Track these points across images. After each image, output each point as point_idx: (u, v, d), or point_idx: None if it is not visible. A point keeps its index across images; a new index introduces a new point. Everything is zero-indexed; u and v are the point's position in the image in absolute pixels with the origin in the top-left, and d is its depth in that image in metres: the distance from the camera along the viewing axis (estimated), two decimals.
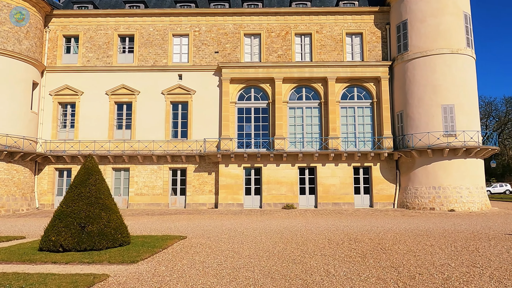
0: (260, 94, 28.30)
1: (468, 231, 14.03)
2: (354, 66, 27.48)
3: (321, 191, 26.82)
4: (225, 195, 26.74)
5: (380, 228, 15.15)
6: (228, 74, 27.58)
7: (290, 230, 14.53)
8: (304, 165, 27.13)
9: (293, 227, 15.37)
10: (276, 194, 26.79)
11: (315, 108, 28.17)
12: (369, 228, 15.18)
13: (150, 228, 15.43)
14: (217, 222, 17.68)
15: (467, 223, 16.90)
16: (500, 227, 15.15)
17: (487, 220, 18.06)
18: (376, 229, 14.65)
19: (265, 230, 14.55)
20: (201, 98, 28.07)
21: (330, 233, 13.51)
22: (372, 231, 14.19)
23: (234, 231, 14.13)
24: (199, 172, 27.52)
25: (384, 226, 15.70)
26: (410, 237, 12.50)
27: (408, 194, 25.63)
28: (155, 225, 16.77)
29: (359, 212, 23.36)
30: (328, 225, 16.38)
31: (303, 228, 14.97)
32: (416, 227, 15.26)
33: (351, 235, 13.07)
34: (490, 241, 11.47)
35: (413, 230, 14.27)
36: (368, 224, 16.52)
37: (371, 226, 15.90)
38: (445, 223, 17.01)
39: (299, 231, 14.22)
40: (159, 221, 18.79)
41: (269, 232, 13.98)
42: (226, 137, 27.01)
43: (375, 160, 26.95)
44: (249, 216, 21.38)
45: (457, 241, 11.49)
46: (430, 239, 11.93)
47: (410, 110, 25.88)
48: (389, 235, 12.90)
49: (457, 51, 25.24)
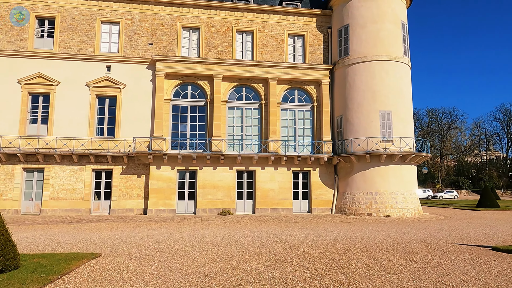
0: (197, 92, 25.96)
1: (415, 240, 12.99)
2: (296, 68, 26.25)
3: (259, 196, 25.08)
4: (156, 200, 23.96)
5: (326, 237, 13.64)
6: (163, 68, 24.91)
7: (229, 241, 12.46)
8: (242, 168, 25.24)
9: (231, 238, 13.31)
10: (212, 199, 24.56)
11: (255, 109, 26.46)
12: (313, 237, 13.60)
13: (58, 242, 12.42)
14: (144, 232, 15.06)
15: (409, 230, 16.05)
16: (442, 235, 14.39)
17: (426, 227, 17.45)
18: (322, 239, 13.10)
19: (200, 242, 12.32)
20: (132, 93, 25.04)
21: (274, 246, 11.66)
22: (318, 241, 12.60)
23: (162, 245, 11.71)
24: (127, 174, 24.43)
25: (329, 235, 14.23)
26: (362, 249, 11.06)
27: (346, 199, 24.82)
28: (66, 237, 13.73)
29: (298, 218, 21.94)
30: (270, 234, 14.56)
31: (243, 239, 12.98)
32: (362, 236, 13.98)
33: (298, 247, 11.33)
34: (446, 253, 10.35)
35: (361, 240, 12.92)
36: (311, 233, 14.97)
37: (315, 235, 14.35)
38: (387, 230, 16.02)
39: (239, 243, 12.21)
40: (74, 231, 15.67)
41: (204, 245, 11.78)
42: (159, 136, 24.28)
43: (314, 164, 25.86)
44: (182, 223, 18.94)
45: (413, 254, 10.22)
46: (384, 252, 10.56)
47: (349, 115, 25.16)
48: (338, 247, 11.35)
49: (395, 58, 25.03)
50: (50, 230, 15.78)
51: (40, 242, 12.34)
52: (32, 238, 13.18)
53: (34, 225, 18.21)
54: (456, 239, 13.40)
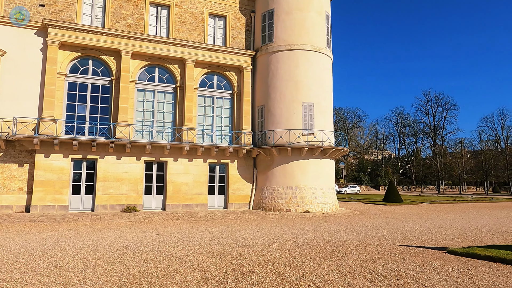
0: (100, 69, 21.78)
1: (356, 241, 11.44)
2: (216, 51, 23.61)
3: (171, 191, 21.98)
4: (43, 195, 19.39)
5: (255, 240, 11.38)
6: (57, 36, 20.28)
7: (135, 251, 9.44)
8: (152, 159, 21.85)
9: (139, 245, 10.28)
10: (115, 194, 20.77)
11: (169, 93, 23.19)
12: (241, 241, 11.24)
13: None
14: (18, 238, 11.15)
15: (339, 229, 14.65)
16: (376, 234, 13.18)
17: (352, 224, 16.32)
18: (251, 243, 10.80)
19: (95, 252, 9.08)
20: (15, 63, 19.94)
21: (198, 255, 8.98)
22: (249, 246, 10.27)
23: (38, 259, 8.23)
24: (4, 163, 19.37)
25: (257, 237, 12.02)
26: (306, 256, 9.00)
27: (265, 194, 23.03)
28: None
29: (214, 215, 19.45)
30: (187, 237, 11.81)
31: (155, 247, 10.04)
32: (295, 238, 12.03)
33: (228, 257, 8.82)
34: (405, 260, 8.75)
35: (297, 243, 10.93)
36: (235, 235, 12.60)
37: (241, 237, 12.00)
38: (316, 229, 14.41)
39: (150, 252, 9.27)
40: None
41: (102, 257, 8.62)
42: (49, 117, 19.68)
43: (232, 157, 23.57)
44: (74, 224, 15.11)
45: (370, 262, 8.41)
46: (335, 260, 8.62)
47: (271, 105, 23.39)
48: (277, 255, 9.14)
49: (319, 49, 23.91)
50: None
51: None
52: None
53: None
54: (392, 238, 12.20)
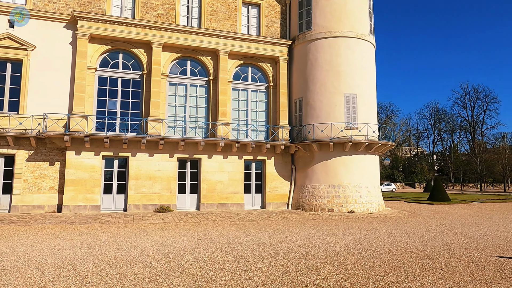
0: (131, 62, 20.78)
1: (437, 250, 9.70)
2: (251, 41, 22.16)
3: (205, 189, 20.74)
4: (74, 194, 18.56)
5: (316, 248, 9.81)
6: (87, 29, 19.39)
7: (179, 262, 8.07)
8: (185, 156, 20.68)
9: (180, 254, 8.95)
10: (147, 193, 19.73)
11: (201, 86, 21.95)
12: (297, 248, 9.72)
13: None
14: (46, 244, 10.09)
15: (401, 233, 12.89)
16: (456, 241, 11.37)
17: (414, 227, 14.46)
18: (314, 253, 9.25)
19: (132, 266, 7.80)
20: (44, 58, 19.20)
21: (255, 269, 7.50)
22: (311, 256, 8.74)
23: (67, 274, 7.02)
24: (35, 161, 18.67)
25: (316, 243, 10.46)
26: (391, 271, 7.39)
27: (305, 193, 21.43)
28: None
29: (253, 216, 18.05)
30: (232, 243, 10.42)
31: (200, 255, 8.66)
32: (360, 245, 10.41)
33: (293, 272, 7.31)
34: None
35: (367, 251, 9.31)
36: (287, 240, 11.10)
37: (296, 244, 10.46)
38: (376, 233, 12.70)
39: (196, 262, 7.90)
40: None
41: (141, 273, 7.32)
42: (80, 114, 18.82)
43: (269, 153, 22.09)
44: (107, 226, 14.05)
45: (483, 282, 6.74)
46: (432, 277, 6.97)
47: (310, 97, 21.72)
48: (354, 269, 7.56)
49: (361, 36, 22.03)
50: None
51: None
52: None
53: None
54: (477, 246, 10.36)
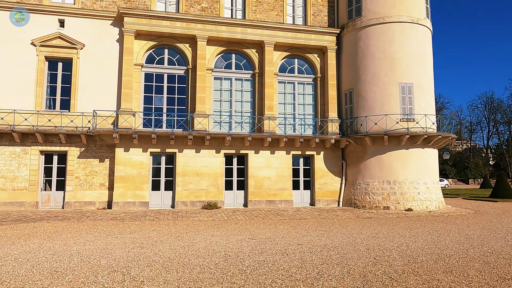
0: (176, 57, 20.50)
1: None
2: (297, 31, 21.17)
3: (252, 186, 20.09)
4: (124, 191, 18.56)
5: (388, 252, 8.79)
6: (133, 25, 19.28)
7: (238, 265, 7.37)
8: (232, 152, 20.13)
9: (237, 254, 8.27)
10: (195, 190, 19.38)
11: (247, 80, 21.28)
12: (366, 251, 8.75)
13: None
14: (99, 242, 9.79)
15: (478, 234, 11.51)
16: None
17: (489, 228, 12.97)
18: (390, 259, 8.24)
19: (190, 267, 7.21)
20: (93, 56, 19.32)
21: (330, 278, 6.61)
22: (388, 263, 7.76)
23: (121, 279, 6.55)
24: (86, 158, 18.86)
25: (385, 246, 9.42)
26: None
27: (357, 189, 20.21)
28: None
29: (303, 214, 17.17)
30: (291, 244, 9.61)
31: (261, 259, 7.94)
32: (436, 248, 9.25)
33: (377, 283, 6.44)
34: None
35: (450, 257, 8.19)
36: (351, 241, 10.13)
37: (363, 246, 9.49)
38: (448, 235, 11.39)
39: (259, 268, 7.17)
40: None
41: (200, 276, 6.69)
42: (127, 110, 18.76)
43: (318, 148, 21.05)
44: (157, 223, 13.73)
45: None
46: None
47: (362, 88, 20.41)
48: (443, 276, 6.56)
49: (417, 20, 20.38)
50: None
51: None
52: None
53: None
54: None
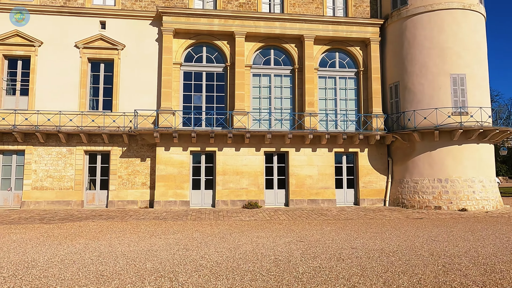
0: (214, 55, 20.21)
1: None
2: (338, 24, 20.26)
3: (293, 185, 19.45)
4: (165, 190, 18.50)
5: (457, 259, 7.94)
6: (171, 24, 19.17)
7: (293, 272, 6.78)
8: (272, 149, 19.58)
9: (288, 258, 7.70)
10: (235, 188, 19.01)
11: (286, 76, 20.64)
12: (430, 258, 7.92)
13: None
14: (142, 243, 9.55)
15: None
16: None
17: None
18: (450, 262, 7.41)
19: (241, 272, 6.72)
20: (133, 56, 19.41)
21: None
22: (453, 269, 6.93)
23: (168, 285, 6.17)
24: (128, 157, 18.97)
25: (451, 252, 8.51)
26: None
27: (405, 188, 19.05)
28: None
29: (347, 214, 16.33)
30: (344, 247, 8.90)
31: (315, 264, 7.30)
32: (499, 254, 8.27)
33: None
34: None
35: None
36: (408, 245, 9.28)
37: (425, 251, 8.64)
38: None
39: (315, 275, 6.55)
40: (35, 239, 10.24)
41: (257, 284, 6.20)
42: (167, 109, 18.67)
43: (362, 145, 20.06)
44: (199, 223, 13.43)
45: None
46: None
47: (409, 80, 19.20)
48: None
49: (469, 6, 18.90)
50: (5, 238, 10.34)
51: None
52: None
53: None
54: None
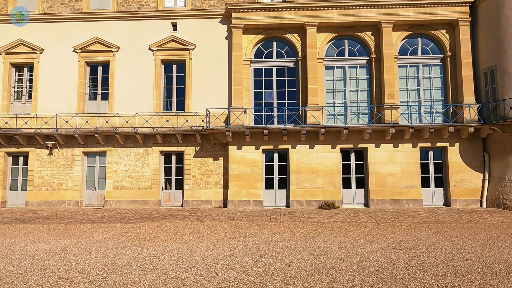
0: (284, 49, 19.30)
1: None
2: (420, 6, 18.21)
3: (374, 184, 17.83)
4: (238, 189, 18.00)
5: None
6: (241, 20, 18.63)
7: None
8: (349, 146, 18.16)
9: (393, 272, 6.49)
10: (310, 188, 17.92)
11: (362, 67, 19.06)
12: None
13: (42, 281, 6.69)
14: (222, 247, 8.91)
15: None
16: None
17: None
18: None
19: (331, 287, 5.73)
20: (204, 55, 19.22)
21: None
22: None
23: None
24: (201, 157, 18.80)
25: None
26: None
27: (507, 187, 16.47)
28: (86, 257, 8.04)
29: (438, 216, 14.40)
30: (452, 257, 7.44)
31: (429, 282, 6.03)
32: None
33: None
34: None
35: None
36: None
37: None
38: None
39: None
40: (119, 238, 10.10)
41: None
42: (239, 107, 18.16)
43: (451, 138, 17.81)
44: (275, 224, 12.58)
45: None
46: None
47: (509, 63, 16.56)
48: None
49: None
50: (89, 237, 10.38)
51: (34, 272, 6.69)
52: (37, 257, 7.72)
53: (82, 224, 13.23)
54: None
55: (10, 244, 9.26)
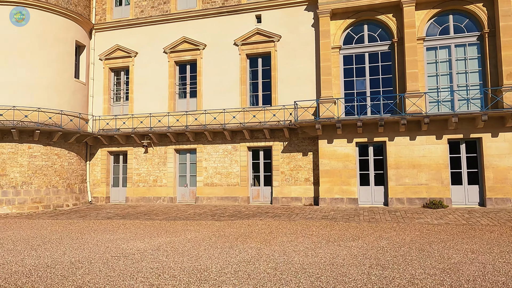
0: (377, 32, 17.39)
1: None
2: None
3: (491, 179, 15.10)
4: (330, 186, 16.69)
5: None
6: (328, 5, 17.21)
7: None
8: (458, 136, 15.66)
9: None
10: (411, 184, 15.86)
11: (471, 45, 16.31)
12: None
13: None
14: (321, 252, 7.81)
15: None
16: None
17: None
18: None
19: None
20: (289, 46, 18.22)
21: None
22: None
23: None
24: (289, 152, 17.88)
25: None
26: None
27: None
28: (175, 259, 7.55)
29: None
30: None
31: None
32: None
33: None
34: None
35: None
36: None
37: None
38: None
39: None
40: (209, 238, 9.60)
41: None
42: (328, 98, 16.81)
43: None
44: (376, 226, 11.07)
45: None
46: None
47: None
48: None
49: None
50: (181, 236, 10.08)
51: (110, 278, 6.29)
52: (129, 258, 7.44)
53: (176, 220, 13.22)
54: None
55: (108, 241, 9.32)
